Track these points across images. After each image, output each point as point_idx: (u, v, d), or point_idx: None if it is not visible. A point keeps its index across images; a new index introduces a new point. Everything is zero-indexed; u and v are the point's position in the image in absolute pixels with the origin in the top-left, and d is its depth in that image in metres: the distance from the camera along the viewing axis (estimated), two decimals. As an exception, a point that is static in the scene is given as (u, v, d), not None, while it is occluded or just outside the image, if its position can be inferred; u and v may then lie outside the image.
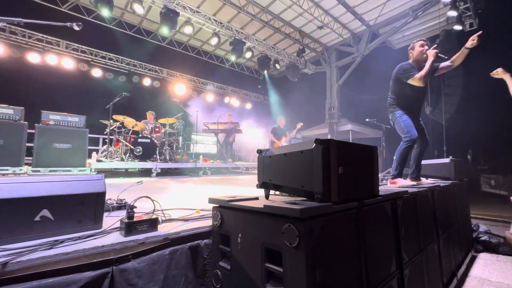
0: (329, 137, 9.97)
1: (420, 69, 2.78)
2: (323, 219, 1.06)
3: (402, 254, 1.67)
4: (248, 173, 7.48)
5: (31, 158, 4.38)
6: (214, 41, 8.32)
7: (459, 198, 3.38)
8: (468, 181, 4.05)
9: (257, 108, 13.26)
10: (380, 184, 3.00)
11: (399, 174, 2.83)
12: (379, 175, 2.47)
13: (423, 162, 3.18)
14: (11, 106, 4.19)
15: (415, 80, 2.74)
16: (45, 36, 8.14)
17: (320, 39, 10.44)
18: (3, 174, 3.98)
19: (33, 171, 4.21)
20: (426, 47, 2.86)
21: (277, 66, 10.14)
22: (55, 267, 0.99)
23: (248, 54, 9.02)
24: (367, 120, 6.84)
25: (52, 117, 4.57)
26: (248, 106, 13.33)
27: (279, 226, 1.04)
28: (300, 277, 0.96)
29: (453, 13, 7.03)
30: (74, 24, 1.71)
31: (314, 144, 1.14)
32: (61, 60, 8.16)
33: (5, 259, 0.92)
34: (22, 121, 4.26)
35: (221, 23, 8.09)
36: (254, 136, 10.21)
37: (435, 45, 2.81)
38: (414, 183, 2.83)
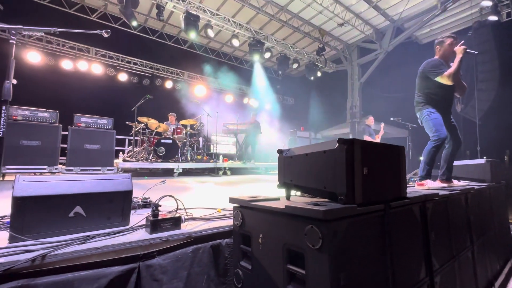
0: (350, 137, 9.69)
1: (448, 66, 2.66)
2: (347, 221, 1.02)
3: (432, 260, 1.58)
4: (267, 174, 7.47)
5: (65, 158, 4.70)
6: (235, 42, 8.41)
7: (496, 202, 3.13)
8: (506, 183, 3.74)
9: (276, 109, 13.19)
10: (407, 186, 2.86)
11: (427, 176, 2.67)
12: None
13: (455, 163, 2.99)
14: (47, 110, 4.53)
15: (444, 78, 2.63)
16: (76, 43, 8.70)
17: (340, 37, 10.18)
18: (41, 173, 4.31)
19: (66, 170, 4.51)
20: (455, 42, 2.73)
21: (296, 65, 10.03)
22: (87, 261, 1.05)
23: (267, 55, 9.02)
24: (391, 119, 6.55)
25: (83, 120, 4.88)
26: (267, 106, 13.31)
27: (301, 228, 1.03)
28: (324, 280, 0.94)
29: (487, 3, 6.55)
30: (103, 31, 1.81)
31: (337, 144, 1.11)
32: (91, 66, 8.67)
33: (44, 251, 0.99)
34: (57, 124, 4.58)
35: (240, 24, 8.16)
36: (274, 136, 10.18)
37: (463, 41, 2.68)
38: (445, 185, 2.66)
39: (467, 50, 2.61)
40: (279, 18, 8.69)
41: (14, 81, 1.45)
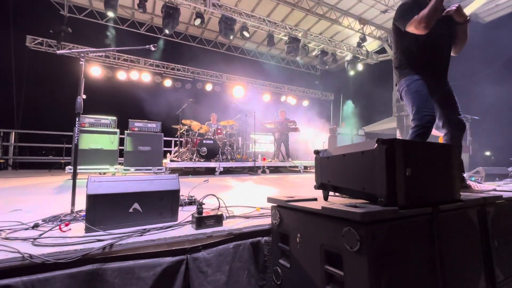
0: (397, 132, 8.96)
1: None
2: (388, 224, 0.99)
3: (495, 270, 1.41)
4: (306, 172, 7.36)
5: (122, 158, 5.30)
6: (269, 42, 8.46)
7: None
8: None
9: (315, 105, 12.87)
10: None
11: None
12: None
13: None
14: (108, 117, 5.16)
15: (412, 26, 1.81)
16: (129, 56, 9.72)
17: (383, 24, 9.46)
18: (104, 173, 4.94)
19: (124, 170, 5.08)
20: None
21: (335, 59, 9.64)
22: (145, 251, 1.20)
23: (304, 51, 8.86)
24: (446, 111, 5.85)
25: (136, 125, 5.44)
26: (305, 103, 13.06)
27: (338, 229, 1.02)
28: (363, 284, 0.93)
29: None
30: (151, 46, 2.02)
31: (376, 144, 1.07)
32: (141, 75, 9.60)
33: (111, 241, 1.17)
34: (116, 129, 5.19)
35: (275, 23, 8.16)
36: (313, 134, 9.94)
37: None
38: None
39: None
40: (316, 12, 8.45)
41: (84, 96, 1.72)
